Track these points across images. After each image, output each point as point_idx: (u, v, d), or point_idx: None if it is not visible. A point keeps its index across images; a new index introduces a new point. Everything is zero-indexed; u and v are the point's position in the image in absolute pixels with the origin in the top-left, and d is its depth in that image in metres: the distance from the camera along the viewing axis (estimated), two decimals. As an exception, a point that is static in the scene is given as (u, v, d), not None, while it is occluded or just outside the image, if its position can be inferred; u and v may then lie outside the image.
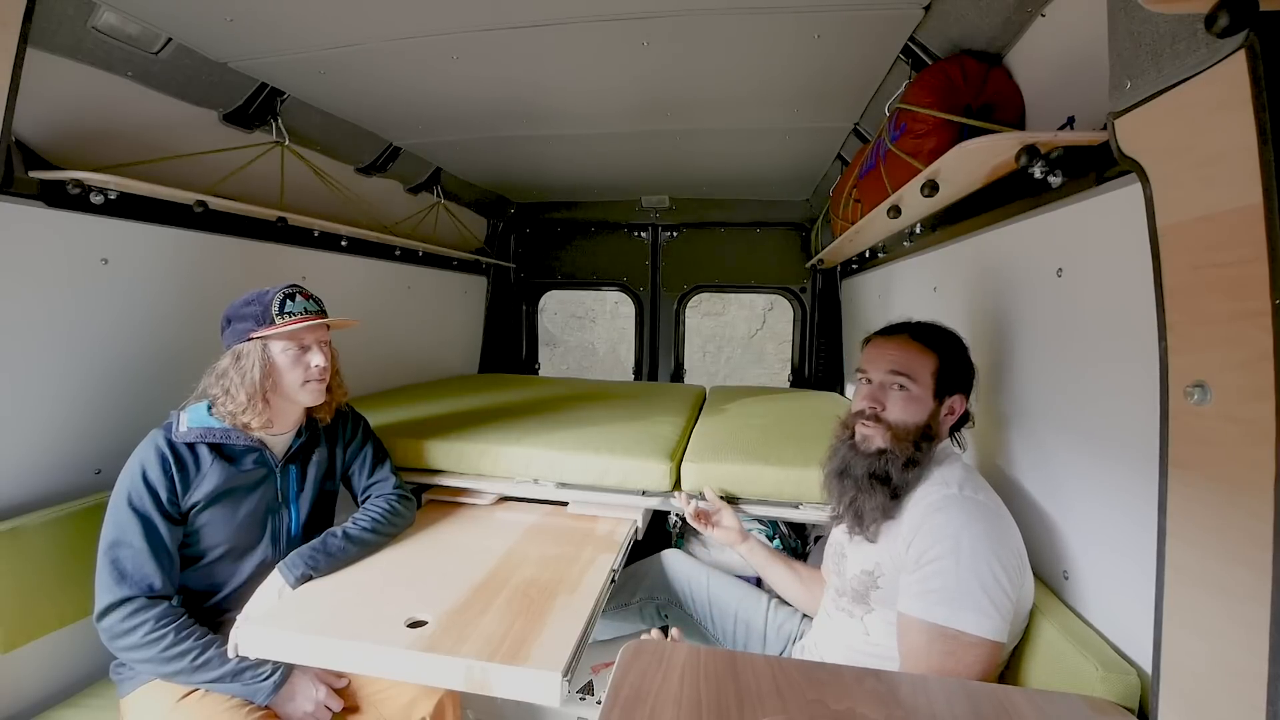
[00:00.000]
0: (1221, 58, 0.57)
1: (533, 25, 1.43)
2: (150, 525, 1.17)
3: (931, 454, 1.13)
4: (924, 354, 1.14)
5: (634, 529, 1.60)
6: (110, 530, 1.17)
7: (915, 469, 1.11)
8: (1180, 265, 0.66)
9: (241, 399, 1.24)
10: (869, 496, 1.12)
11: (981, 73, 1.30)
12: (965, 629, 0.95)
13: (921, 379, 1.12)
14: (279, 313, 1.27)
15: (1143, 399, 0.83)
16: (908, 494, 1.11)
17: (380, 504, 1.46)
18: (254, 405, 1.25)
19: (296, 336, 1.29)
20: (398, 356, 2.82)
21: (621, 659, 0.89)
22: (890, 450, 1.11)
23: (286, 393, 1.30)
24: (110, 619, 1.13)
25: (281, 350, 1.28)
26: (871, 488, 1.11)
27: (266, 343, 1.28)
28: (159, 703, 1.16)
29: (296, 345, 1.30)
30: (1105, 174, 0.95)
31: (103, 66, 1.40)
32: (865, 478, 1.12)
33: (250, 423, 1.26)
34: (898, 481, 1.10)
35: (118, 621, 1.12)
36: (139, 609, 1.13)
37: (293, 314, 1.29)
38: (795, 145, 2.37)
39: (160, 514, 1.18)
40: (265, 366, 1.26)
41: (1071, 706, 0.83)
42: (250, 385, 1.24)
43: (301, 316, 1.30)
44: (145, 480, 1.18)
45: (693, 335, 8.10)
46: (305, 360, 1.30)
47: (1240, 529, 0.59)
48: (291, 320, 1.28)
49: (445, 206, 3.01)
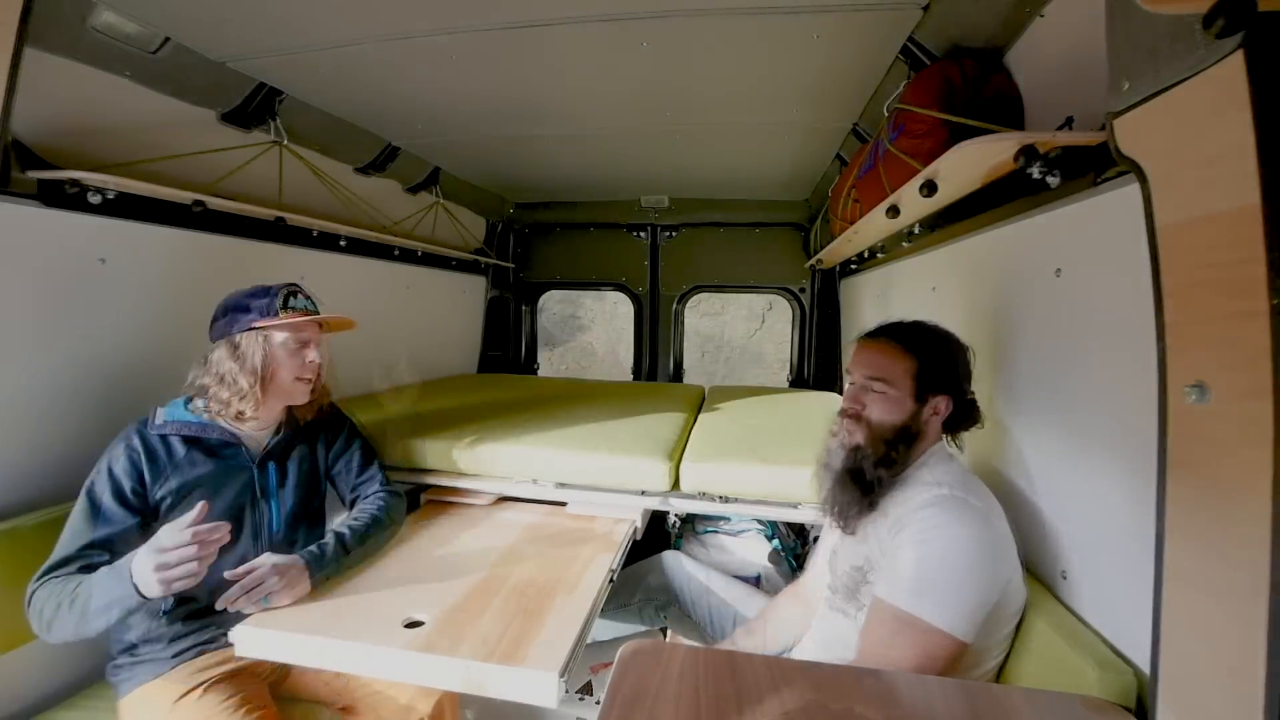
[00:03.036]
0: (1220, 58, 0.57)
1: (532, 25, 1.43)
2: (97, 510, 1.15)
3: (913, 453, 1.16)
4: (903, 357, 1.16)
5: (633, 529, 1.60)
6: (69, 519, 1.15)
7: (892, 467, 1.14)
8: (1179, 265, 0.66)
9: (242, 385, 1.25)
10: (843, 490, 1.16)
11: (980, 73, 1.30)
12: (922, 616, 0.97)
13: (899, 382, 1.15)
14: (283, 307, 1.30)
15: (1141, 399, 0.83)
16: (887, 491, 1.14)
17: (372, 504, 1.45)
18: (254, 392, 1.26)
19: (299, 330, 1.32)
20: (397, 356, 2.82)
21: (620, 659, 0.89)
22: (864, 447, 1.15)
23: (279, 386, 1.31)
24: (29, 591, 1.09)
25: (281, 343, 1.30)
26: (847, 482, 1.16)
27: (268, 335, 1.29)
28: (157, 704, 1.16)
29: (297, 340, 1.32)
30: (1104, 174, 0.95)
31: (101, 66, 1.40)
32: (842, 472, 1.17)
33: (244, 410, 1.27)
34: (870, 478, 1.14)
35: (32, 593, 1.09)
36: (52, 576, 1.10)
37: (295, 309, 1.32)
38: (794, 145, 2.37)
39: (118, 502, 1.17)
40: (267, 357, 1.28)
41: (1070, 706, 0.83)
42: (251, 372, 1.26)
43: (304, 313, 1.33)
44: (110, 472, 1.18)
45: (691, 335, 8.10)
46: (303, 355, 1.33)
47: (1239, 529, 0.59)
48: (295, 315, 1.31)
49: (444, 206, 3.01)
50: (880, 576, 1.08)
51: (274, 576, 1.17)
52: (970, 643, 0.98)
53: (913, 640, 0.98)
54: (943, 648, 0.97)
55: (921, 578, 1.00)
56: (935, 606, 0.97)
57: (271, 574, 1.17)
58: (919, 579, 1.00)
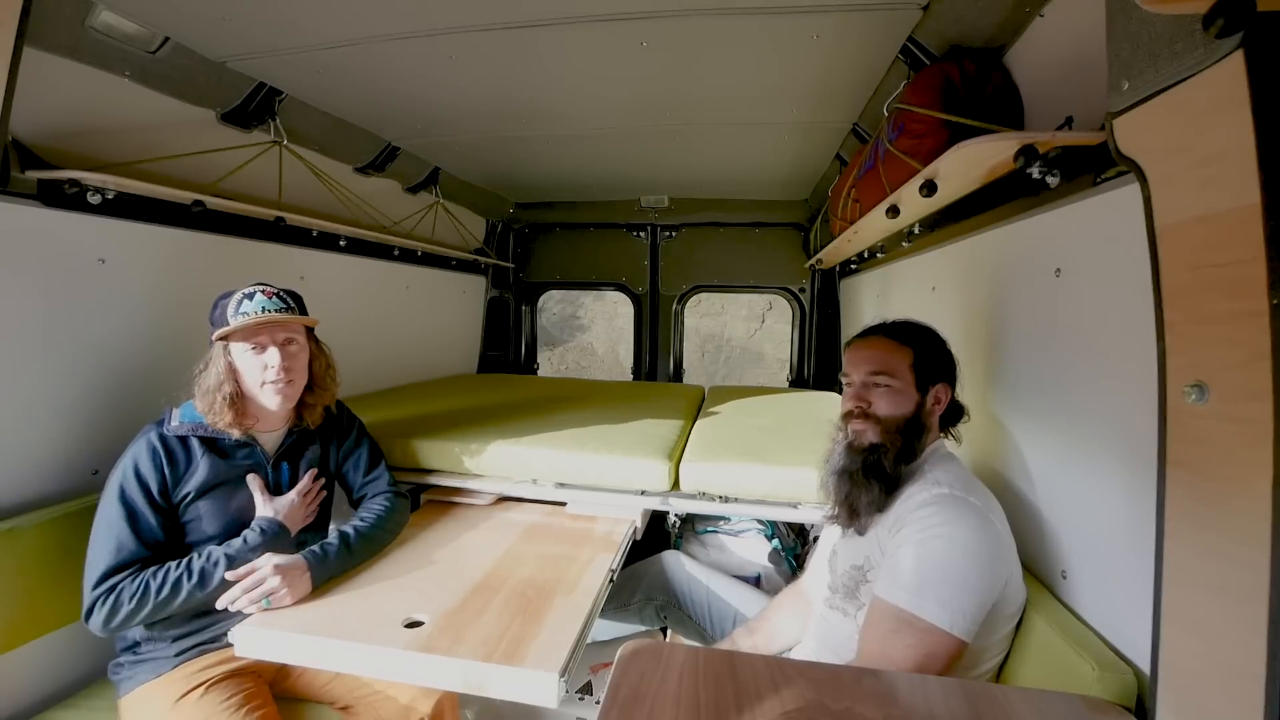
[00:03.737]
0: (1219, 58, 0.57)
1: (531, 25, 1.43)
2: (136, 514, 1.18)
3: (924, 446, 1.17)
4: (900, 350, 1.18)
5: (633, 529, 1.60)
6: (99, 523, 1.18)
7: (909, 461, 1.15)
8: (1178, 265, 0.66)
9: (214, 400, 1.25)
10: (865, 490, 1.15)
11: (980, 73, 1.30)
12: (921, 615, 0.98)
13: (901, 373, 1.16)
14: (235, 313, 1.26)
15: (1141, 399, 0.83)
16: (901, 488, 1.14)
17: (377, 505, 1.46)
18: (216, 407, 1.24)
19: (252, 333, 1.27)
20: (396, 356, 2.82)
21: (620, 659, 0.89)
22: (883, 444, 1.15)
23: (249, 393, 1.29)
24: (94, 597, 1.12)
25: (241, 351, 1.27)
26: (867, 481, 1.15)
27: (228, 344, 1.27)
28: (157, 703, 1.16)
29: (254, 344, 1.28)
30: (1103, 174, 0.95)
31: (100, 66, 1.40)
32: (860, 472, 1.16)
33: (218, 423, 1.26)
34: (892, 474, 1.14)
35: (101, 597, 1.12)
36: (117, 580, 1.14)
37: (247, 314, 1.26)
38: (794, 145, 2.37)
39: (149, 505, 1.19)
40: (227, 368, 1.26)
41: (1070, 706, 0.83)
42: (215, 385, 1.24)
43: (256, 316, 1.26)
44: (137, 473, 1.20)
45: (691, 335, 8.11)
46: (262, 359, 1.28)
47: (1238, 528, 0.59)
48: (245, 320, 1.26)
49: (444, 206, 3.01)
50: (880, 575, 1.08)
51: (275, 577, 1.17)
52: (969, 641, 0.98)
53: (912, 639, 0.98)
54: (942, 646, 0.97)
55: (921, 576, 1.00)
56: (935, 605, 0.98)
57: (273, 575, 1.17)
58: (918, 578, 1.00)
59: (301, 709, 1.31)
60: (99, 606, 1.12)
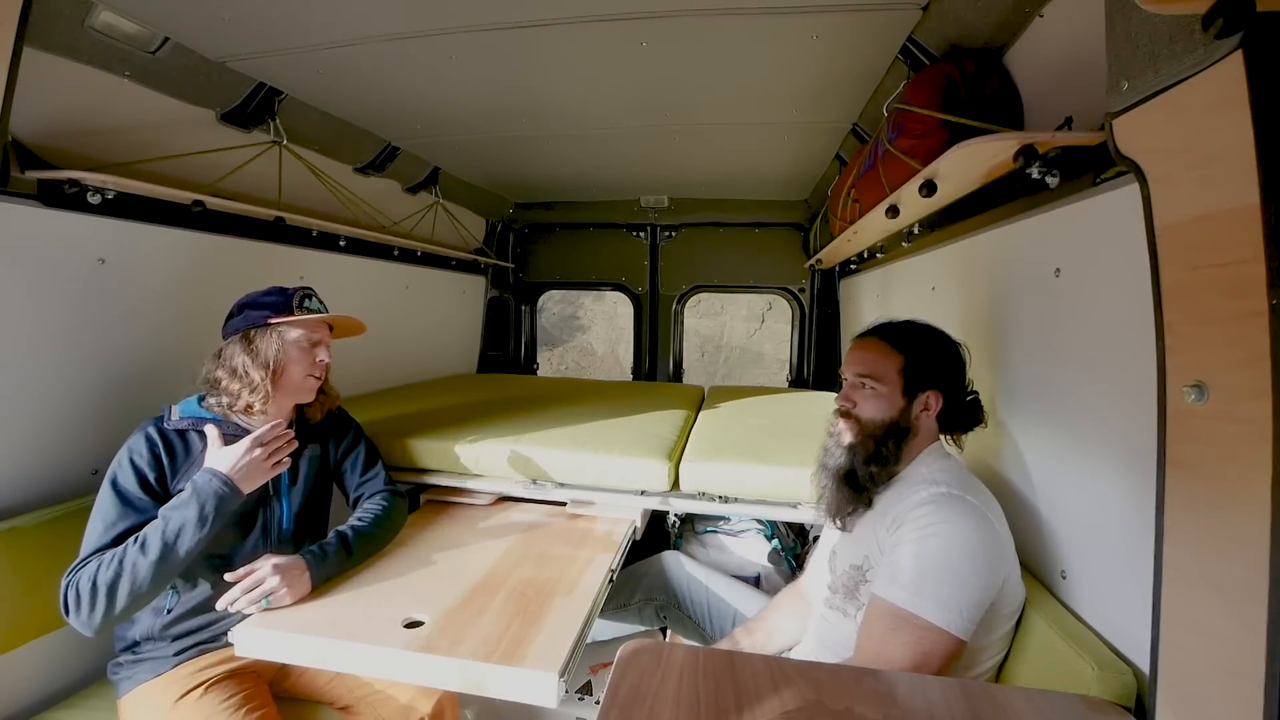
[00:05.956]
0: (1218, 58, 0.57)
1: (531, 25, 1.43)
2: (128, 504, 1.17)
3: (908, 450, 1.17)
4: (891, 354, 1.18)
5: (633, 529, 1.60)
6: (92, 514, 1.17)
7: (885, 465, 1.16)
8: (1178, 265, 0.66)
9: (254, 378, 1.27)
10: (838, 488, 1.18)
11: (979, 73, 1.30)
12: (920, 614, 0.98)
13: (887, 378, 1.17)
14: (298, 306, 1.35)
15: (1140, 399, 0.83)
16: (883, 489, 1.16)
17: (375, 504, 1.46)
18: (264, 385, 1.28)
19: (313, 329, 1.36)
20: (396, 356, 2.82)
21: (620, 659, 0.89)
22: (855, 445, 1.17)
23: (289, 381, 1.34)
24: (63, 586, 1.09)
25: (295, 340, 1.33)
26: (840, 480, 1.18)
27: (283, 331, 1.32)
28: (157, 703, 1.16)
29: (309, 339, 1.35)
30: (1103, 174, 0.95)
31: (100, 66, 1.40)
32: (836, 471, 1.19)
33: (254, 403, 1.29)
34: (861, 475, 1.16)
35: (69, 585, 1.09)
36: (92, 561, 1.11)
37: (309, 310, 1.37)
38: (794, 145, 2.37)
39: (144, 495, 1.18)
40: (280, 350, 1.31)
41: (1069, 706, 0.83)
42: (264, 365, 1.28)
43: (318, 313, 1.38)
44: (133, 464, 1.20)
45: (691, 335, 8.10)
46: (314, 354, 1.36)
47: (1238, 528, 0.59)
48: (311, 317, 1.35)
49: (443, 206, 3.01)
50: (878, 574, 1.08)
51: (275, 577, 1.17)
52: (967, 640, 0.98)
53: (910, 637, 0.98)
54: (939, 644, 0.97)
55: (919, 575, 1.00)
56: (932, 603, 0.98)
57: (272, 575, 1.17)
58: (917, 576, 1.00)
59: (301, 709, 1.31)
60: (69, 593, 1.08)
